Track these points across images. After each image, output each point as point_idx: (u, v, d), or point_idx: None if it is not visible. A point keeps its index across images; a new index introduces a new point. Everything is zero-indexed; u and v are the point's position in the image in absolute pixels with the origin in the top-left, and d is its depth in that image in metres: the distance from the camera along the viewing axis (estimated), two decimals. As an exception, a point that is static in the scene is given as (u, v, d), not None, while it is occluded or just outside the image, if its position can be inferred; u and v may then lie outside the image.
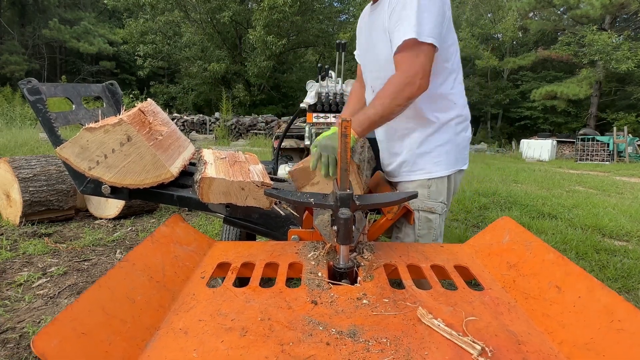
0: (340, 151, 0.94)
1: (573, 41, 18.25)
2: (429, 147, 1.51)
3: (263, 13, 18.04)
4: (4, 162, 3.73)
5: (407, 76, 1.30)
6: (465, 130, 1.56)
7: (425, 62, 1.30)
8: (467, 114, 1.57)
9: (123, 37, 23.35)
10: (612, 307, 0.70)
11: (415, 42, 1.29)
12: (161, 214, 4.40)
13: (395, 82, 1.32)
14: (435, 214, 1.54)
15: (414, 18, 1.29)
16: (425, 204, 1.54)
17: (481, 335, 0.72)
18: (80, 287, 2.59)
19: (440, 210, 1.55)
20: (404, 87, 1.30)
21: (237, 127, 15.83)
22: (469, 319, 0.76)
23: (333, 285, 0.90)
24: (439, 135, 1.51)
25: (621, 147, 14.22)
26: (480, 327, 0.74)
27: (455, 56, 1.50)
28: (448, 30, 1.42)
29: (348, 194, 0.94)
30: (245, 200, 1.29)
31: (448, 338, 0.69)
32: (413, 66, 1.30)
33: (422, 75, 1.30)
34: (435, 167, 1.52)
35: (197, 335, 0.71)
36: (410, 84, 1.30)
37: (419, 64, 1.29)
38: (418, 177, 1.54)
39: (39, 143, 8.76)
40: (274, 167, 2.71)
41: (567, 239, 3.76)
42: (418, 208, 1.54)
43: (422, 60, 1.30)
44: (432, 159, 1.52)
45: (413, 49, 1.30)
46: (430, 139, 1.51)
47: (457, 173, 1.58)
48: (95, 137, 1.16)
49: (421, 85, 1.30)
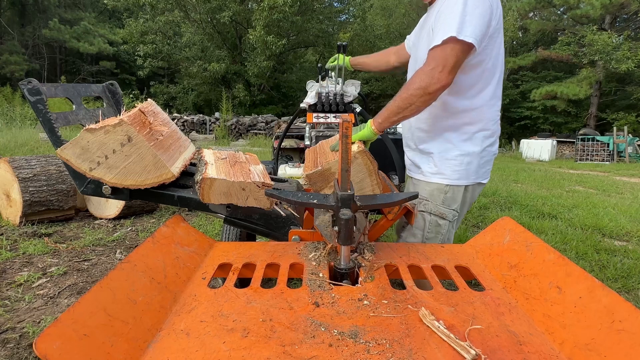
0: (341, 152, 0.94)
1: (573, 41, 18.25)
2: (454, 154, 1.52)
3: (263, 13, 18.03)
4: (4, 162, 3.73)
5: (427, 68, 1.30)
6: (492, 145, 1.56)
7: (450, 56, 1.28)
8: (497, 129, 1.57)
9: (123, 37, 23.34)
10: (613, 308, 0.70)
11: (451, 39, 1.27)
12: (161, 214, 4.39)
13: (417, 74, 1.33)
14: (445, 220, 1.55)
15: (458, 18, 1.28)
16: (437, 208, 1.55)
17: (482, 335, 0.72)
18: (80, 287, 2.59)
19: (451, 217, 1.56)
20: (422, 79, 1.30)
21: (237, 127, 15.84)
22: (474, 327, 0.76)
23: (334, 286, 0.90)
24: (465, 145, 1.51)
25: (621, 147, 14.22)
26: (482, 328, 0.74)
27: (495, 73, 1.49)
28: (492, 42, 1.41)
29: (349, 195, 0.94)
30: (246, 201, 1.29)
31: (445, 341, 0.69)
32: (435, 59, 1.29)
33: (442, 69, 1.28)
34: (454, 174, 1.53)
35: (199, 336, 0.71)
36: (428, 76, 1.28)
37: (442, 57, 1.28)
38: (437, 181, 1.55)
39: (39, 143, 8.76)
40: (274, 167, 2.71)
41: (567, 239, 3.76)
42: (430, 211, 1.55)
43: (447, 54, 1.28)
44: (454, 167, 1.52)
45: (445, 45, 1.29)
46: (456, 147, 1.52)
47: (477, 185, 1.59)
48: (95, 138, 1.16)
49: (440, 78, 1.28)
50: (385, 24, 26.75)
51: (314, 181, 1.24)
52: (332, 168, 1.21)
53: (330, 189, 1.30)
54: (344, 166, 0.93)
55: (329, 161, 1.22)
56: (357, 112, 2.24)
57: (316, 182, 1.24)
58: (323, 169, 1.21)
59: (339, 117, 2.20)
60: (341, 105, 2.19)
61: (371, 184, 1.24)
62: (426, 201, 1.58)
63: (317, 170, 1.22)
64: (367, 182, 1.24)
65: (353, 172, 1.19)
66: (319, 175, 1.23)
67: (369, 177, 1.24)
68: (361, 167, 1.22)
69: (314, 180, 1.24)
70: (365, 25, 23.51)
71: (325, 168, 1.21)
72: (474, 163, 1.53)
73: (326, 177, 1.23)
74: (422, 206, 1.58)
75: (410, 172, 1.73)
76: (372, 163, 1.22)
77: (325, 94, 2.20)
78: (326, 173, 1.22)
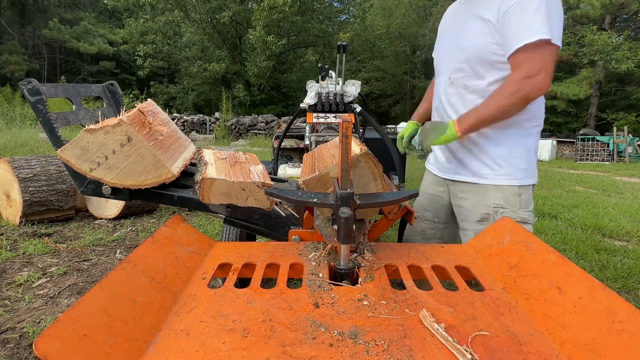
0: (341, 152, 0.94)
1: (573, 41, 18.24)
2: (518, 152, 1.42)
3: (263, 13, 18.05)
4: (4, 162, 3.73)
5: (528, 76, 1.25)
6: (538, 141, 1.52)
7: (550, 63, 1.26)
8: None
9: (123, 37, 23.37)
10: (613, 308, 0.70)
11: (544, 42, 1.24)
12: (161, 214, 4.40)
13: (515, 81, 1.27)
14: (528, 224, 1.43)
15: (544, 19, 1.23)
16: (518, 214, 1.40)
17: (482, 336, 0.72)
18: (80, 287, 2.59)
19: (532, 221, 1.44)
20: (523, 86, 1.25)
21: (237, 127, 15.84)
22: (479, 333, 0.76)
23: (334, 286, 0.90)
24: (526, 142, 1.44)
25: (621, 147, 14.22)
26: (482, 328, 0.74)
27: None
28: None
29: (349, 193, 0.94)
30: (246, 201, 1.29)
31: (443, 344, 0.68)
32: (536, 65, 1.24)
33: (545, 76, 1.25)
34: (521, 174, 1.43)
35: (199, 337, 0.71)
36: (531, 84, 1.24)
37: (542, 64, 1.24)
38: (508, 183, 1.43)
39: (39, 143, 8.76)
40: (274, 167, 2.71)
41: (567, 239, 3.76)
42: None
43: (547, 60, 1.25)
44: (520, 165, 1.43)
45: (539, 49, 1.24)
46: (520, 144, 1.43)
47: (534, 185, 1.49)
48: (95, 139, 1.16)
49: (542, 86, 1.25)
50: (385, 24, 26.75)
51: (311, 187, 1.19)
52: (331, 173, 1.16)
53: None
54: (344, 166, 0.93)
55: (326, 165, 1.16)
56: (357, 112, 2.24)
57: (314, 188, 1.20)
58: (321, 174, 1.17)
59: (339, 117, 2.20)
60: (341, 105, 2.19)
61: (376, 188, 1.18)
62: (503, 209, 1.43)
63: (314, 176, 1.17)
64: (371, 186, 1.18)
65: (356, 177, 1.15)
66: (316, 181, 1.18)
67: (373, 181, 1.19)
68: (365, 171, 1.17)
69: (312, 186, 1.19)
70: (365, 25, 23.52)
71: (323, 173, 1.16)
72: (533, 160, 1.46)
73: (324, 182, 1.17)
74: (500, 216, 1.40)
75: (458, 176, 1.57)
76: (377, 166, 1.17)
77: (325, 94, 2.21)
78: (324, 178, 1.17)
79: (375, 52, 26.22)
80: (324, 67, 2.30)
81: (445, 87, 1.57)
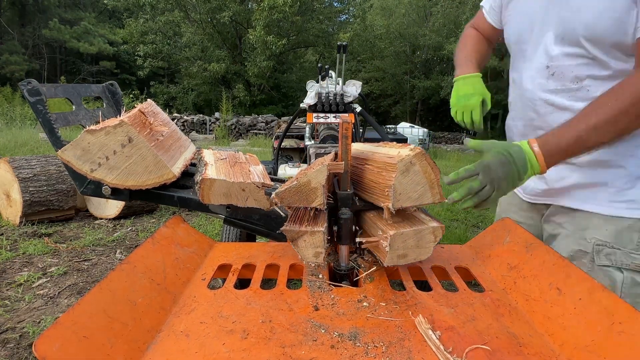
0: (341, 152, 0.94)
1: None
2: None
3: (263, 13, 18.07)
4: (4, 162, 3.74)
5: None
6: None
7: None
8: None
9: (123, 37, 23.41)
10: (613, 309, 0.70)
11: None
12: (161, 214, 4.40)
13: (635, 81, 0.88)
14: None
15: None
16: (631, 258, 1.00)
17: (482, 337, 0.72)
18: (80, 287, 2.60)
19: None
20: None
21: (237, 127, 15.85)
22: (479, 346, 0.76)
23: (334, 287, 0.90)
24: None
25: (621, 147, 14.22)
26: (481, 329, 0.74)
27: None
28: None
29: (348, 194, 0.94)
30: (246, 202, 1.29)
31: (434, 352, 0.67)
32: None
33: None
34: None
35: (199, 338, 0.71)
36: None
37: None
38: (629, 215, 1.01)
39: (39, 143, 8.76)
40: (274, 167, 2.72)
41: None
42: (621, 265, 1.01)
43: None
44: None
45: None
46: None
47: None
48: (96, 139, 1.16)
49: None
50: (385, 24, 26.78)
51: (287, 201, 0.92)
52: (313, 181, 0.88)
53: (313, 223, 0.96)
54: (345, 167, 0.93)
55: (307, 173, 0.89)
56: (357, 112, 2.25)
57: (292, 202, 0.92)
58: (299, 183, 0.89)
59: (339, 117, 2.20)
60: (341, 105, 2.19)
61: (432, 199, 0.89)
62: (610, 249, 1.03)
63: (290, 187, 0.90)
64: (427, 197, 0.89)
65: (408, 185, 0.86)
66: (294, 192, 0.90)
67: (430, 191, 0.89)
68: (419, 178, 0.87)
69: (288, 199, 0.92)
70: (365, 25, 23.54)
71: (302, 182, 0.88)
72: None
73: (304, 193, 0.90)
74: (605, 258, 1.03)
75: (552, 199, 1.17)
76: (434, 170, 0.87)
77: (325, 94, 2.21)
78: (304, 188, 0.89)
79: (375, 52, 26.26)
80: (324, 67, 2.30)
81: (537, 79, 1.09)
